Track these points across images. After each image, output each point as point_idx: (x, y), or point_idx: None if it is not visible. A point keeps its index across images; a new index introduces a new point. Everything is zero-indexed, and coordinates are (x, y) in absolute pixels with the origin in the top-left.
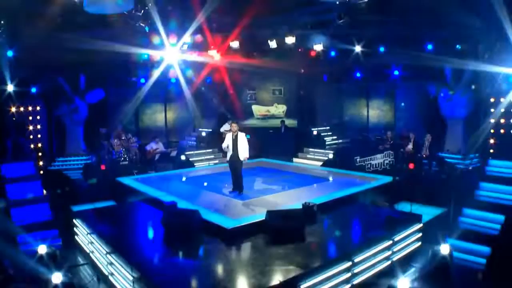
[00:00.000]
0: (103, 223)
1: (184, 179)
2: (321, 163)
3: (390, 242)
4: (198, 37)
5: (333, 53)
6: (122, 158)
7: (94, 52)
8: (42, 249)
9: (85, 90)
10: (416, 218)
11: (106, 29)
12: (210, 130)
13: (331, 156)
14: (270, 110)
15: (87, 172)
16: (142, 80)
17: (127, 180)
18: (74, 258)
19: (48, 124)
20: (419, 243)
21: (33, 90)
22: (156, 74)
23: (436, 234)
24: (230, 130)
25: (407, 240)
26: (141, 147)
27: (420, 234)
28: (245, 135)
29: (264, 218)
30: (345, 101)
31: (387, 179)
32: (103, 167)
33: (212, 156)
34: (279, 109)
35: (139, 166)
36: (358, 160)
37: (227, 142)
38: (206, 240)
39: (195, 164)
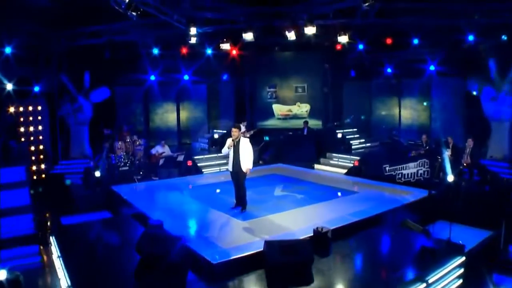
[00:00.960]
0: (76, 244)
1: (190, 187)
2: (345, 170)
3: (424, 285)
4: None
5: (361, 46)
6: (123, 163)
7: (100, 47)
8: (2, 275)
9: (90, 89)
10: (458, 249)
11: (113, 22)
12: (225, 131)
13: (356, 163)
14: (292, 110)
15: (87, 178)
16: (152, 77)
17: (121, 189)
18: (48, 283)
19: (51, 124)
20: (460, 282)
21: (36, 89)
22: None
23: (481, 269)
24: (243, 132)
25: (445, 279)
26: (146, 150)
27: (462, 270)
28: (249, 141)
29: (262, 250)
30: (374, 99)
31: (422, 193)
32: (97, 173)
33: (224, 161)
34: (302, 108)
35: (143, 172)
36: (387, 168)
37: (227, 148)
38: (187, 277)
39: (203, 170)
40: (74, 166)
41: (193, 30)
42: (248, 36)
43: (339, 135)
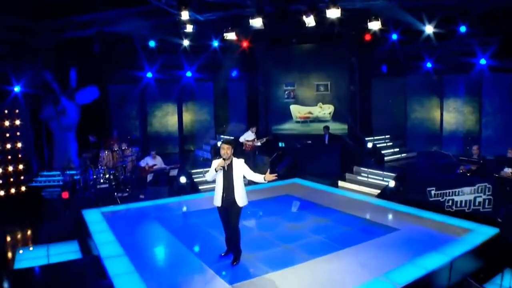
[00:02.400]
0: None
1: (184, 209)
2: (377, 191)
3: None
4: None
5: (394, 36)
6: (102, 180)
7: (88, 40)
8: None
9: (76, 88)
10: None
11: (103, 10)
12: (232, 138)
13: (392, 183)
14: (313, 112)
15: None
16: (149, 75)
17: (91, 215)
18: None
19: (35, 130)
20: None
21: (17, 88)
22: None
23: None
24: (252, 141)
25: None
26: (137, 160)
27: None
28: (244, 161)
29: None
30: (410, 99)
31: (484, 230)
32: (65, 195)
33: None
34: (325, 110)
35: (129, 189)
36: (433, 193)
37: (214, 171)
38: None
39: (201, 187)
40: (57, 178)
41: (185, 15)
42: (257, 23)
43: (369, 145)
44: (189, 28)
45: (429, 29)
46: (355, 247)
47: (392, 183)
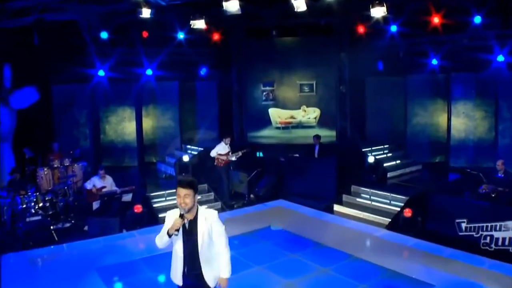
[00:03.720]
0: None
1: (141, 246)
2: (385, 219)
3: None
4: None
5: (393, 28)
6: (33, 210)
7: (27, 30)
8: None
9: (11, 89)
10: None
11: None
12: (201, 149)
13: (409, 213)
14: (296, 116)
15: None
16: (101, 73)
17: (9, 265)
18: None
19: None
20: None
21: None
22: None
23: None
24: (226, 154)
25: None
26: (76, 184)
27: None
28: (217, 214)
29: None
30: (411, 102)
31: None
32: None
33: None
34: (309, 114)
35: (72, 218)
36: (463, 226)
37: (167, 235)
38: None
39: (161, 216)
40: None
41: None
42: (232, 6)
43: (371, 159)
44: (146, 13)
45: (436, 19)
46: None
47: (408, 212)
